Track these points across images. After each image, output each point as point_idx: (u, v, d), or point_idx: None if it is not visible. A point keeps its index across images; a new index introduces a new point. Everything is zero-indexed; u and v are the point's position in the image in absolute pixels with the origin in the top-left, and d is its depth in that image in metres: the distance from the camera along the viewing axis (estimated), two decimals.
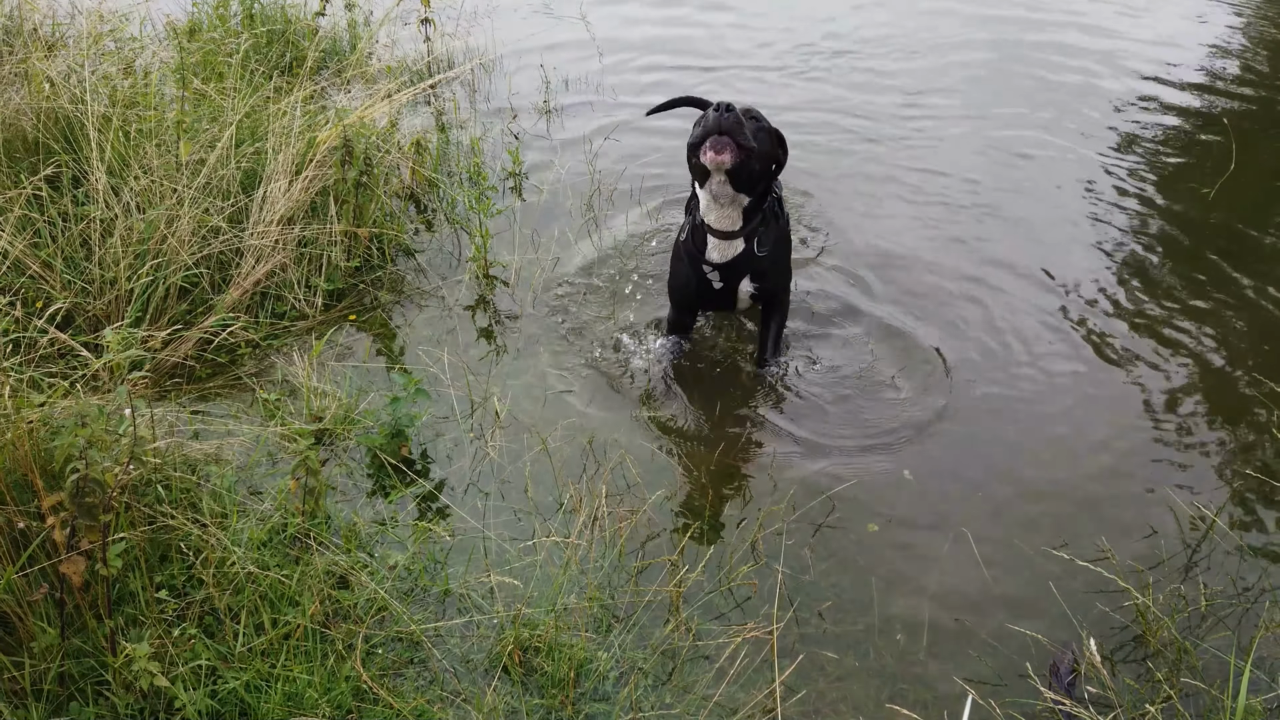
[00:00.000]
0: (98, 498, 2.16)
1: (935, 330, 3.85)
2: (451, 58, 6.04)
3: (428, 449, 3.22)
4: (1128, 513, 3.06)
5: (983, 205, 4.75)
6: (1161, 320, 3.95)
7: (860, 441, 3.32)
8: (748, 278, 3.44)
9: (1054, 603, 2.73)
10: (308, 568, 2.59)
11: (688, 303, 3.61)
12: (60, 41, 4.76)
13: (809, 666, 2.54)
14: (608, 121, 5.46)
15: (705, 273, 3.43)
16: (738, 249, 3.36)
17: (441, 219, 4.52)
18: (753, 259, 3.39)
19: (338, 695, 2.31)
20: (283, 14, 5.60)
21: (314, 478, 2.74)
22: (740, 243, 3.35)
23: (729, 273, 3.42)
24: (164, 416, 3.04)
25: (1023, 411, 3.47)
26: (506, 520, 2.95)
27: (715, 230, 3.33)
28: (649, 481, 3.12)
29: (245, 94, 4.25)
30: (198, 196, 3.67)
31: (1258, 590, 2.78)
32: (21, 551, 2.29)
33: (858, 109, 5.71)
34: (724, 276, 3.43)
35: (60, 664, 2.26)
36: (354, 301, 3.93)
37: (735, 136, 3.09)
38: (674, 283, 3.62)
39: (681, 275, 3.53)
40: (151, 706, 2.24)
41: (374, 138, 4.33)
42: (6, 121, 3.76)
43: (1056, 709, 2.37)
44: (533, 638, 2.49)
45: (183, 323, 3.53)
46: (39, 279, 3.42)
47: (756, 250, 3.37)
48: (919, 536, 2.96)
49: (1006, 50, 6.63)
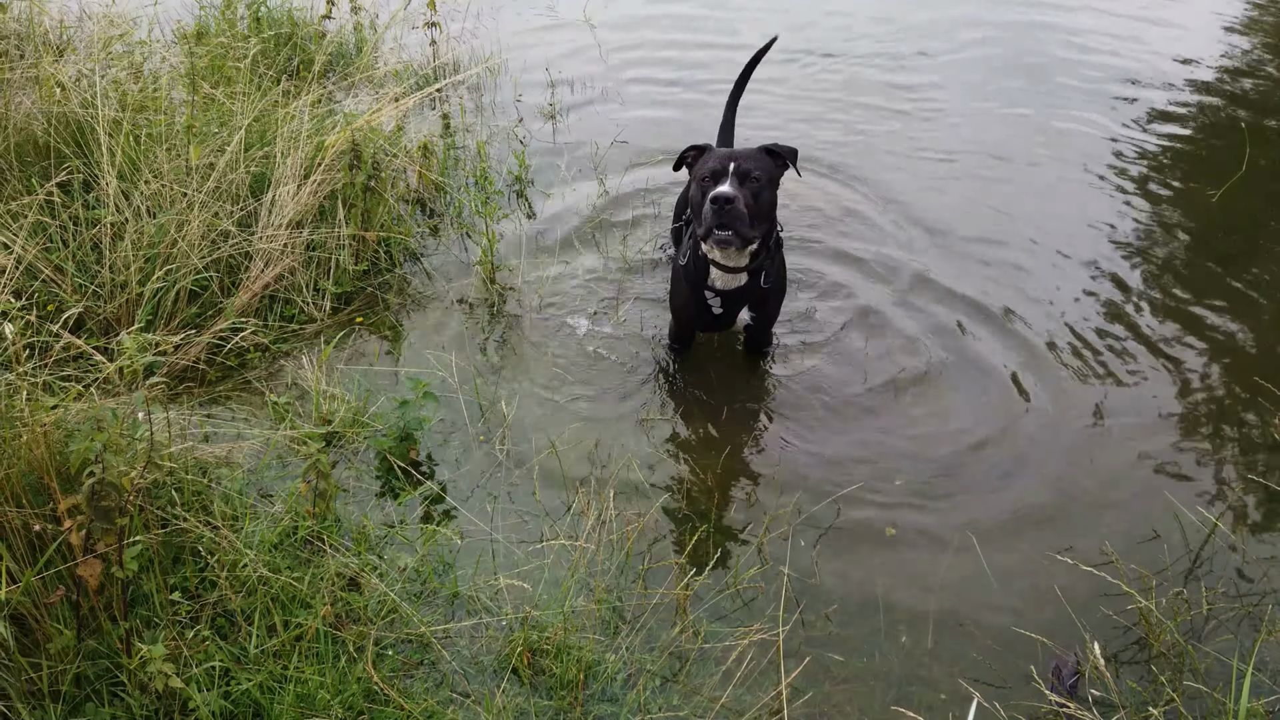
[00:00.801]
0: (114, 501, 2.18)
1: (938, 337, 3.87)
2: (457, 61, 6.06)
3: (436, 452, 3.24)
4: (1131, 517, 3.08)
5: (987, 205, 4.77)
6: (1164, 324, 3.97)
7: (866, 445, 3.34)
8: (747, 306, 3.44)
9: (1058, 606, 2.75)
10: (319, 570, 2.62)
11: (686, 321, 3.60)
12: (70, 46, 4.79)
13: (815, 669, 2.56)
14: (613, 124, 5.49)
15: (707, 298, 3.40)
16: (741, 280, 3.33)
17: (449, 223, 4.55)
18: (756, 291, 3.37)
19: (349, 696, 2.33)
20: (289, 18, 5.63)
21: (324, 480, 2.77)
22: (745, 275, 3.32)
23: (730, 301, 3.39)
24: (176, 420, 3.07)
25: (1028, 419, 3.49)
26: (514, 523, 2.98)
27: (720, 265, 3.30)
28: (656, 484, 3.14)
29: (254, 98, 4.28)
30: (207, 200, 3.70)
31: (1260, 594, 2.80)
32: (39, 554, 2.31)
33: (855, 111, 5.73)
34: (725, 304, 3.40)
35: (76, 665, 2.28)
36: (362, 305, 3.96)
37: (738, 229, 3.08)
38: (674, 302, 3.61)
39: (681, 297, 3.50)
40: (166, 707, 2.27)
41: (382, 142, 4.35)
42: (18, 126, 3.79)
43: (1060, 711, 2.39)
44: (541, 640, 2.52)
45: (193, 326, 3.56)
46: (51, 283, 3.44)
47: (763, 283, 3.35)
48: (924, 540, 2.98)
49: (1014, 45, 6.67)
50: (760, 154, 3.21)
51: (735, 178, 3.09)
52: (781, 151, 3.24)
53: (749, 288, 3.35)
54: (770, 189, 3.19)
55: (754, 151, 3.21)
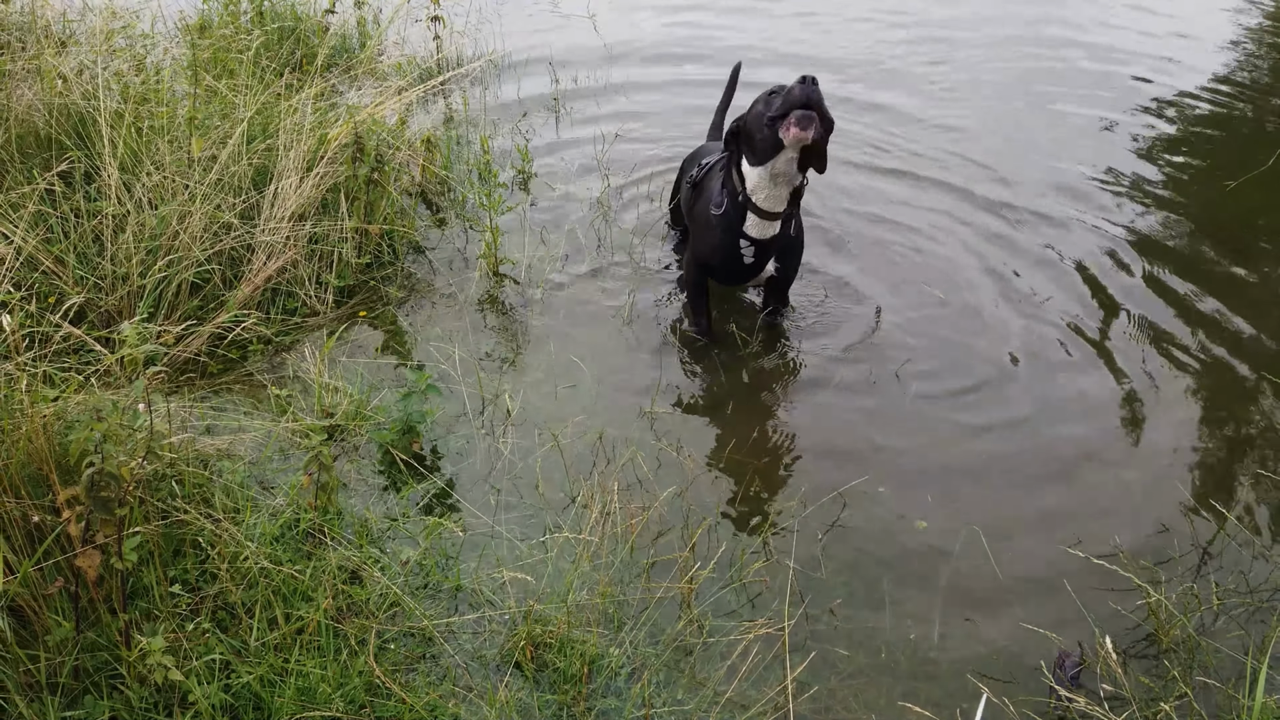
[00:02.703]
0: (113, 492, 2.16)
1: (945, 329, 3.84)
2: (461, 55, 6.04)
3: (439, 445, 3.22)
4: (1140, 510, 3.05)
5: (998, 201, 4.74)
6: (1175, 315, 3.94)
7: (872, 438, 3.31)
8: (774, 257, 3.49)
9: (1067, 600, 2.72)
10: (320, 563, 2.59)
11: (710, 272, 3.63)
12: (73, 38, 4.77)
13: (821, 663, 2.54)
14: (617, 118, 5.46)
15: (740, 246, 3.43)
16: (775, 229, 3.39)
17: (452, 216, 4.53)
18: (787, 239, 3.45)
19: (350, 690, 2.31)
20: (293, 11, 5.61)
21: (326, 473, 2.74)
22: (778, 224, 3.38)
23: (762, 250, 3.45)
24: (176, 412, 3.05)
25: (1037, 410, 3.46)
26: (518, 516, 2.96)
27: (760, 210, 3.32)
28: (660, 477, 3.12)
29: (256, 90, 4.26)
30: (209, 193, 3.68)
31: (1270, 588, 2.77)
32: (37, 545, 2.29)
33: (858, 107, 5.70)
34: (757, 253, 3.45)
35: (75, 658, 2.26)
36: (365, 298, 3.94)
37: (820, 111, 3.06)
38: (701, 249, 3.59)
39: (711, 244, 3.52)
40: (165, 700, 2.25)
41: (385, 135, 4.33)
42: (20, 117, 3.78)
43: (1062, 702, 2.36)
44: (545, 633, 2.50)
45: (194, 318, 3.54)
46: (52, 275, 3.43)
47: (792, 232, 3.44)
48: (930, 533, 2.95)
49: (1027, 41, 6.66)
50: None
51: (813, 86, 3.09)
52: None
53: (780, 235, 3.42)
54: (827, 132, 3.18)
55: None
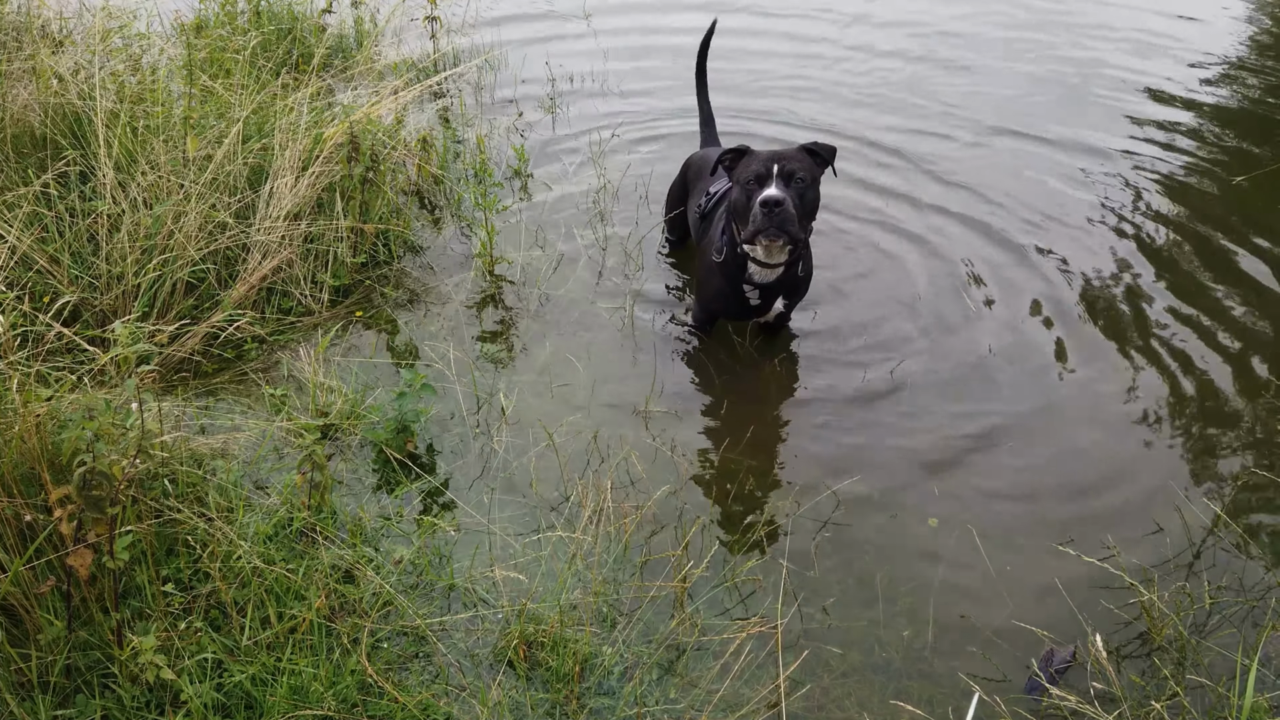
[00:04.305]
0: (105, 491, 2.16)
1: (940, 333, 3.84)
2: (457, 55, 6.04)
3: (433, 444, 3.22)
4: (1133, 510, 3.05)
5: (996, 201, 4.74)
6: (1169, 313, 3.94)
7: (865, 438, 3.31)
8: (781, 295, 3.46)
9: (1059, 600, 2.72)
10: (313, 562, 2.59)
11: (718, 315, 3.64)
12: (68, 38, 4.77)
13: (813, 662, 2.54)
14: (612, 118, 5.46)
15: (744, 291, 3.41)
16: (779, 272, 3.34)
17: (448, 216, 4.53)
18: (794, 280, 3.41)
19: (343, 689, 2.31)
20: (289, 11, 5.61)
21: (320, 472, 2.75)
22: (782, 267, 3.33)
23: (768, 292, 3.42)
24: (170, 411, 3.05)
25: (1029, 409, 3.46)
26: (511, 515, 2.96)
27: (760, 262, 3.30)
28: (654, 477, 3.12)
29: (252, 90, 4.26)
30: (204, 192, 3.68)
31: (1263, 588, 2.77)
32: (29, 544, 2.29)
33: (858, 107, 5.70)
34: (763, 295, 3.42)
35: (67, 656, 2.26)
36: (360, 298, 3.94)
37: (788, 231, 3.08)
38: (706, 295, 3.58)
39: (714, 289, 3.49)
40: (157, 699, 2.25)
41: (380, 134, 4.33)
42: (15, 117, 3.78)
43: (1060, 705, 2.36)
44: (538, 632, 2.50)
45: (189, 318, 3.54)
46: (46, 274, 3.43)
47: (800, 272, 3.41)
48: (925, 534, 2.95)
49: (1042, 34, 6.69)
50: (802, 153, 3.20)
51: (780, 179, 3.09)
52: (821, 151, 3.24)
53: (786, 277, 3.38)
54: (814, 188, 3.20)
55: (796, 151, 3.20)
